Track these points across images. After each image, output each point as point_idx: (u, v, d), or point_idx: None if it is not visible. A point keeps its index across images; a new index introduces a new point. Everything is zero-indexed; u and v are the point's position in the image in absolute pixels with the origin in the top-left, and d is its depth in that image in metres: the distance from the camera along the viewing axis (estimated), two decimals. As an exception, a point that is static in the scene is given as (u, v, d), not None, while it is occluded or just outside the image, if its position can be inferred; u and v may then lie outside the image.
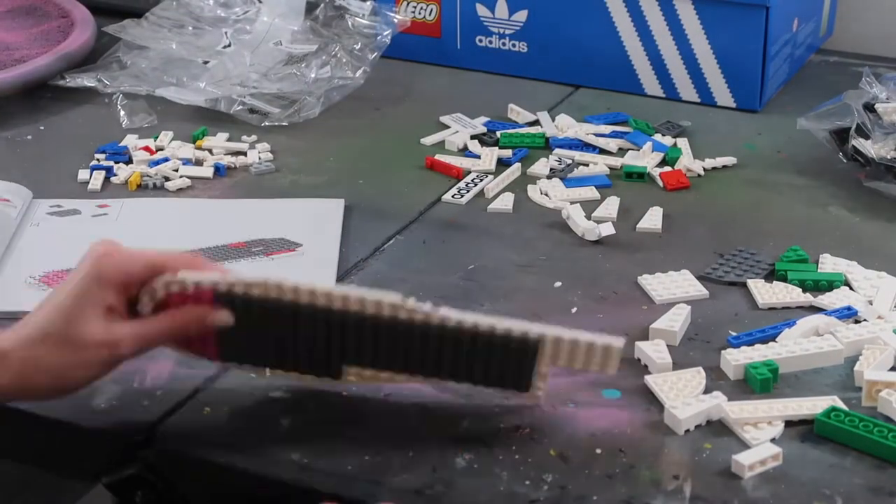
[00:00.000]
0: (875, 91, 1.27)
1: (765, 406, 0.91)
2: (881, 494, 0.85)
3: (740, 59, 1.41)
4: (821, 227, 1.19)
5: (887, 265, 1.10)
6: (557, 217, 1.20)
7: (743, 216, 1.21)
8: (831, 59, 1.57)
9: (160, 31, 1.48)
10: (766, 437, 0.89)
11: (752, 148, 1.35)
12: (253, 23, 1.48)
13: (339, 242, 1.15)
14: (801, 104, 1.38)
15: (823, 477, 0.86)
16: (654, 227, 1.18)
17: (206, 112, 1.39)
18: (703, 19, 1.41)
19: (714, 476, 0.86)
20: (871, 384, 0.93)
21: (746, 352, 0.97)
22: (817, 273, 1.09)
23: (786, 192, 1.26)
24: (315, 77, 1.42)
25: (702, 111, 1.43)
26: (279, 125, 1.39)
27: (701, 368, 0.96)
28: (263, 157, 1.32)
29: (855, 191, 1.25)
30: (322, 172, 1.30)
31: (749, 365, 0.96)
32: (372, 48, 1.45)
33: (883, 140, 1.23)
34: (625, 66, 1.46)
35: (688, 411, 0.90)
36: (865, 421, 0.89)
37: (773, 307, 1.05)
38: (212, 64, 1.44)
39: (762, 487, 0.85)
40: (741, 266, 1.10)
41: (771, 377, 0.94)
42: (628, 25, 1.44)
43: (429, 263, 1.13)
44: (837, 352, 0.98)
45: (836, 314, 1.03)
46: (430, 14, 1.54)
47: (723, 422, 0.91)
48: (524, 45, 1.50)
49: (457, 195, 1.24)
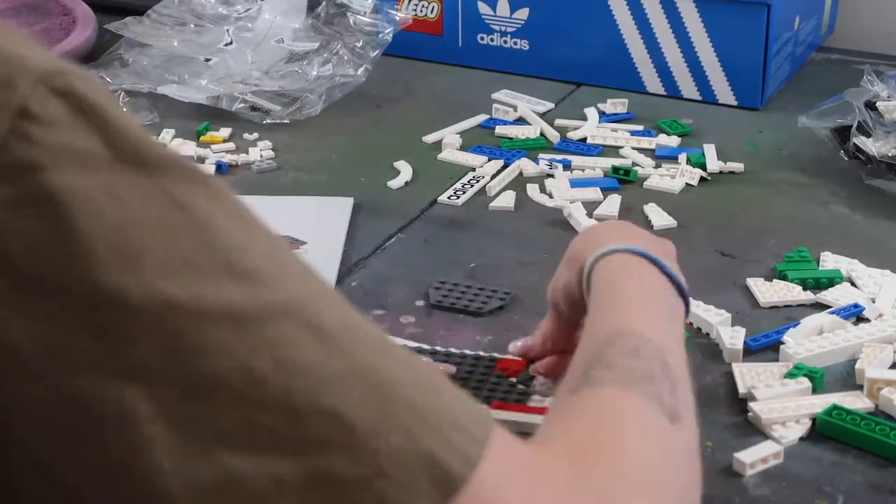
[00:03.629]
0: (876, 89, 1.27)
1: (793, 405, 0.91)
2: (882, 492, 0.85)
3: (742, 56, 1.41)
4: (822, 225, 1.19)
5: (889, 263, 1.10)
6: (559, 215, 1.20)
7: (744, 214, 1.21)
8: (832, 56, 1.57)
9: (162, 28, 1.48)
10: (794, 437, 0.89)
11: (753, 146, 1.35)
12: (254, 20, 1.48)
13: (343, 241, 1.15)
14: (803, 102, 1.38)
15: (825, 475, 0.86)
16: (668, 223, 1.19)
17: (207, 110, 1.39)
18: (705, 17, 1.41)
19: (715, 474, 0.86)
20: (872, 382, 0.93)
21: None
22: (816, 271, 1.09)
23: (787, 189, 1.26)
24: (317, 75, 1.42)
25: (703, 109, 1.43)
26: (281, 123, 1.39)
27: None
28: (265, 154, 1.33)
29: (856, 189, 1.25)
30: (324, 170, 1.30)
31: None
32: (373, 46, 1.45)
33: (884, 138, 1.23)
34: (626, 63, 1.46)
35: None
36: (867, 419, 0.89)
37: (774, 306, 1.05)
38: (213, 61, 1.44)
39: (763, 485, 0.85)
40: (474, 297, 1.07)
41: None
42: (630, 23, 1.45)
43: (430, 262, 1.14)
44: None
45: (842, 312, 1.03)
46: (432, 12, 1.54)
47: (750, 421, 0.91)
48: (526, 42, 1.51)
49: (453, 196, 1.24)
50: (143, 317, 0.53)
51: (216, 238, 0.55)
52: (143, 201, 0.54)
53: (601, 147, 1.34)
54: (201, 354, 0.53)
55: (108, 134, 0.54)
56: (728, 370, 0.97)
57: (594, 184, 1.26)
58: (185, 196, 0.55)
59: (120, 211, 0.53)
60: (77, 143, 0.53)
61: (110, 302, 0.53)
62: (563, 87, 1.48)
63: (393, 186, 1.26)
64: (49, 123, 0.53)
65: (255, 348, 0.54)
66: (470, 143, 1.34)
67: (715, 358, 0.99)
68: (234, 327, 0.54)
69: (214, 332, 0.54)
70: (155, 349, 0.53)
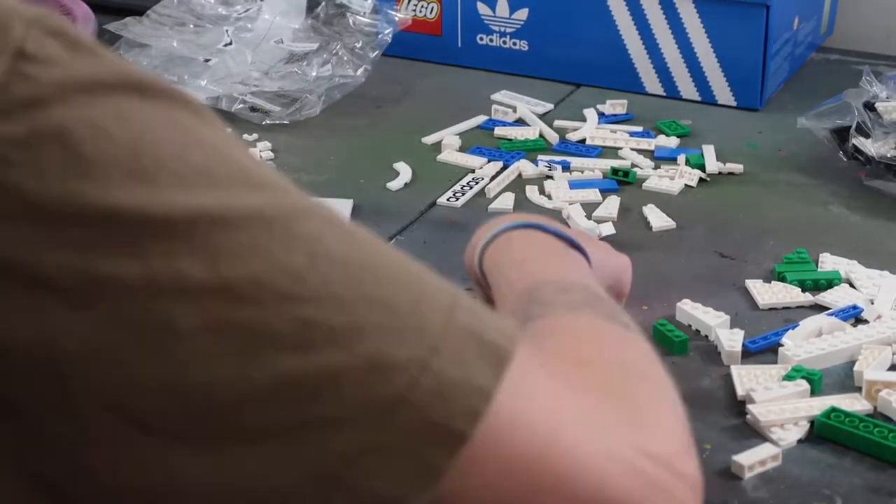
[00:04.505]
0: (875, 90, 1.27)
1: (791, 407, 0.91)
2: (881, 495, 0.85)
3: (741, 57, 1.41)
4: (821, 226, 1.19)
5: (888, 264, 1.10)
6: (558, 217, 1.20)
7: (743, 215, 1.21)
8: (832, 57, 1.57)
9: (161, 28, 1.48)
10: (793, 439, 0.89)
11: (752, 146, 1.35)
12: (254, 21, 1.48)
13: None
14: (802, 103, 1.38)
15: (823, 477, 0.86)
16: (667, 225, 1.19)
17: (207, 110, 1.39)
18: (704, 18, 1.41)
19: (714, 476, 0.86)
20: (870, 384, 0.93)
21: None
22: (815, 273, 1.09)
23: (786, 190, 1.26)
24: (316, 75, 1.42)
25: (702, 110, 1.43)
26: (280, 123, 1.39)
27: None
28: (264, 155, 1.33)
29: (855, 189, 1.25)
30: (323, 171, 1.30)
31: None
32: (373, 46, 1.45)
33: (883, 139, 1.23)
34: (625, 64, 1.46)
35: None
36: (865, 421, 0.89)
37: (773, 307, 1.06)
38: (213, 62, 1.44)
39: (762, 488, 0.85)
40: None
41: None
42: (629, 24, 1.45)
43: (430, 264, 1.12)
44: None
45: (841, 314, 1.03)
46: (431, 12, 1.54)
47: (749, 424, 0.91)
48: (525, 43, 1.51)
49: (452, 198, 1.24)
50: (171, 230, 0.53)
51: (225, 152, 0.56)
52: (150, 122, 0.55)
53: (600, 148, 1.34)
54: (236, 259, 0.54)
55: (104, 66, 0.55)
56: (726, 372, 0.97)
57: (593, 185, 1.26)
58: (186, 119, 0.56)
59: (129, 132, 0.54)
60: (77, 76, 0.54)
61: (135, 221, 0.53)
62: (562, 88, 1.48)
63: (392, 188, 1.26)
64: (47, 61, 0.54)
65: (288, 245, 0.55)
66: (469, 144, 1.34)
67: (713, 360, 0.99)
68: (264, 228, 0.55)
69: (245, 235, 0.54)
70: (190, 260, 0.53)
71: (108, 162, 0.53)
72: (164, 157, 0.54)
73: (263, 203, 0.55)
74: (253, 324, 0.53)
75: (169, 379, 0.53)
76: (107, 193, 0.53)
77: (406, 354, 0.55)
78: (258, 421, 0.54)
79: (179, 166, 0.54)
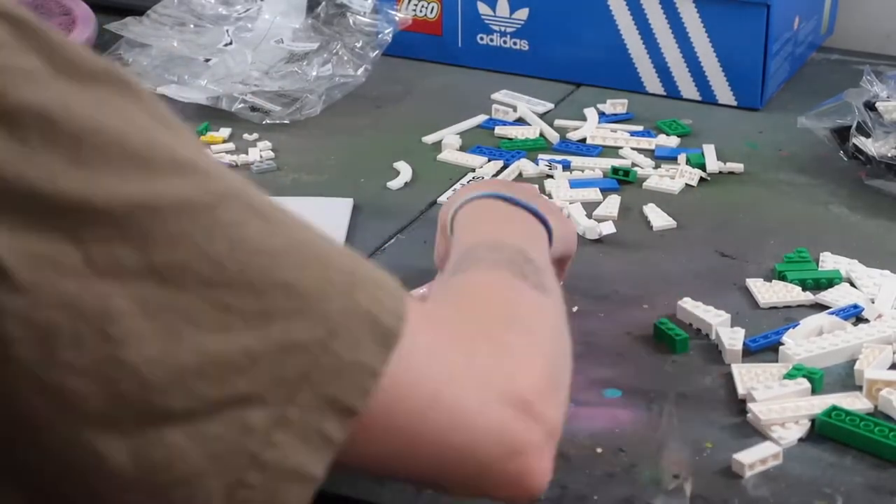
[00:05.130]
0: (876, 89, 1.27)
1: (792, 406, 0.91)
2: (882, 493, 0.85)
3: (741, 57, 1.41)
4: (821, 226, 1.19)
5: (888, 263, 1.10)
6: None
7: (743, 214, 1.21)
8: (832, 57, 1.57)
9: (161, 28, 1.48)
10: (794, 438, 0.89)
11: (753, 146, 1.35)
12: (254, 21, 1.48)
13: (343, 242, 1.15)
14: (802, 102, 1.38)
15: (824, 476, 0.86)
16: (668, 224, 1.19)
17: (207, 110, 1.39)
18: (705, 17, 1.41)
19: (714, 475, 0.86)
20: (871, 383, 0.93)
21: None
22: (816, 272, 1.09)
23: (786, 190, 1.26)
24: (316, 75, 1.42)
25: (703, 109, 1.43)
26: (280, 123, 1.39)
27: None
28: (265, 155, 1.33)
29: (856, 189, 1.25)
30: (323, 171, 1.30)
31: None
32: (373, 46, 1.45)
33: (884, 138, 1.23)
34: (626, 64, 1.46)
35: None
36: (866, 420, 0.89)
37: (773, 306, 1.06)
38: (213, 62, 1.44)
39: (763, 486, 0.85)
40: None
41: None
42: (629, 24, 1.45)
43: (430, 263, 1.13)
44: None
45: (842, 313, 1.03)
46: (432, 12, 1.54)
47: (750, 422, 0.91)
48: (525, 43, 1.51)
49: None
50: (111, 218, 0.57)
51: (157, 138, 0.60)
52: (89, 110, 0.58)
53: (601, 147, 1.34)
54: (166, 246, 0.59)
55: (48, 51, 0.59)
56: (727, 371, 0.97)
57: (594, 184, 1.26)
58: (122, 104, 0.60)
59: (71, 122, 0.57)
60: (21, 61, 0.58)
61: (79, 209, 0.57)
62: (562, 88, 1.48)
63: (392, 187, 1.26)
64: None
65: (211, 232, 0.60)
66: (469, 143, 1.34)
67: (714, 359, 0.99)
68: (190, 216, 0.60)
69: (174, 224, 0.59)
70: (126, 247, 0.58)
71: (54, 151, 0.57)
72: (105, 147, 0.58)
73: (192, 190, 0.60)
74: (180, 307, 0.59)
75: (102, 361, 0.57)
76: (54, 182, 0.57)
77: (310, 337, 0.61)
78: (183, 402, 0.58)
79: (120, 157, 0.58)
